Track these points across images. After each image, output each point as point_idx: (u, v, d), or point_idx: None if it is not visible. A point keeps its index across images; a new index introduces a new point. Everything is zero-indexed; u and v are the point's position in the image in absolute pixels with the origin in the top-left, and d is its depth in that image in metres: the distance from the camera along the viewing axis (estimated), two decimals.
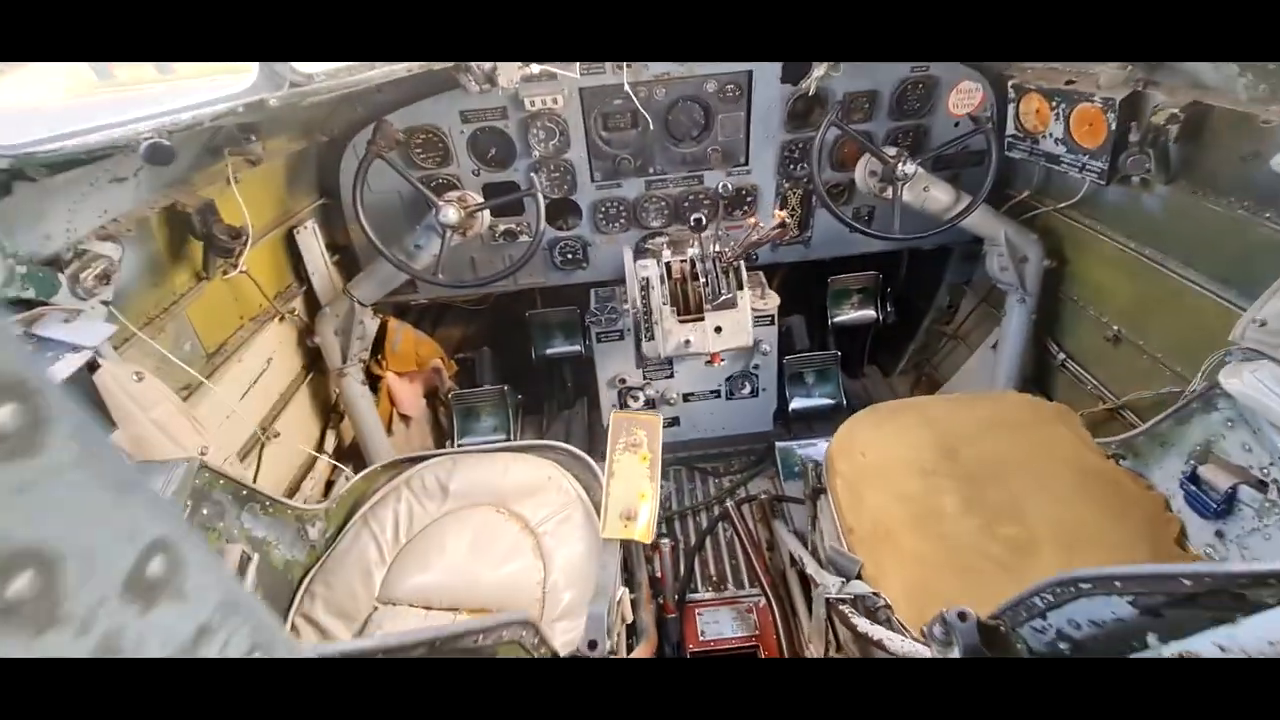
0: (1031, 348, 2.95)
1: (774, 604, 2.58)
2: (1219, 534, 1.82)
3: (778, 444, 3.19)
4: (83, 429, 0.28)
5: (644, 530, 1.48)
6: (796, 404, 3.32)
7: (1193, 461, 1.88)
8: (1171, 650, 0.89)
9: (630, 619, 1.69)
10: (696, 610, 2.64)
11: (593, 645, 1.17)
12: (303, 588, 1.89)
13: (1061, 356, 2.84)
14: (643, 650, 1.71)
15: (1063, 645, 1.18)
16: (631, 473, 1.53)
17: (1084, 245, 2.67)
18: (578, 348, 3.36)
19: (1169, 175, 2.17)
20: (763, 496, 2.99)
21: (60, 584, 0.26)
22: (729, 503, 2.96)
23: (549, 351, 3.46)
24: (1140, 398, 2.42)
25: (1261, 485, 1.70)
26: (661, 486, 3.14)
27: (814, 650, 2.13)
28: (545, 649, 1.05)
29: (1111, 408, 2.58)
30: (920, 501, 2.01)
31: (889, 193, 2.66)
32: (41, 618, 0.26)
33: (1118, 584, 0.98)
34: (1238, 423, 1.77)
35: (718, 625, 2.61)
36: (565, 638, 1.50)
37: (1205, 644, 0.85)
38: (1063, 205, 2.68)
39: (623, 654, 1.60)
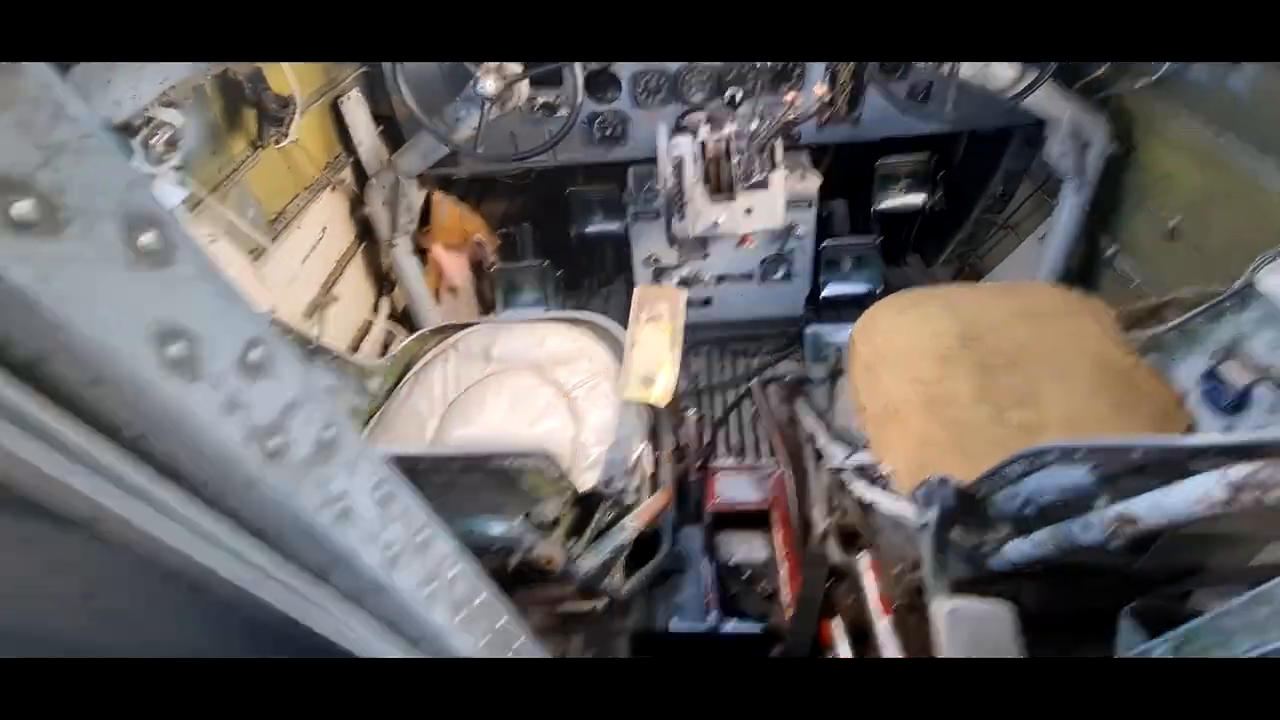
0: (1082, 240, 2.85)
1: (789, 474, 2.78)
2: (1227, 429, 1.86)
3: (807, 329, 3.25)
4: (198, 252, 0.40)
5: (660, 395, 1.63)
6: (831, 290, 3.34)
7: (1215, 359, 1.89)
8: (1113, 512, 1.00)
9: (651, 472, 1.88)
10: (717, 474, 2.87)
11: (608, 484, 1.35)
12: (364, 432, 2.16)
13: (1113, 249, 2.74)
14: (659, 499, 1.93)
15: (1027, 510, 1.30)
16: (652, 343, 1.65)
17: (1155, 129, 2.49)
18: (617, 226, 3.40)
19: None
20: (788, 378, 3.11)
21: (200, 353, 0.40)
22: (755, 381, 3.10)
23: (589, 230, 3.51)
24: (1183, 296, 2.36)
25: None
26: (691, 363, 3.32)
27: (818, 514, 2.34)
28: (565, 481, 1.24)
29: (1154, 304, 2.52)
30: (934, 386, 2.09)
31: (946, 67, 2.49)
32: (190, 373, 0.39)
33: (1079, 454, 1.08)
34: (1270, 321, 1.75)
35: (735, 489, 2.84)
36: (589, 483, 1.70)
37: (1142, 506, 0.95)
38: (1140, 84, 2.47)
39: (643, 499, 1.82)
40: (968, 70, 2.52)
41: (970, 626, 1.29)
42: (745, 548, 2.73)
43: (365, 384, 2.19)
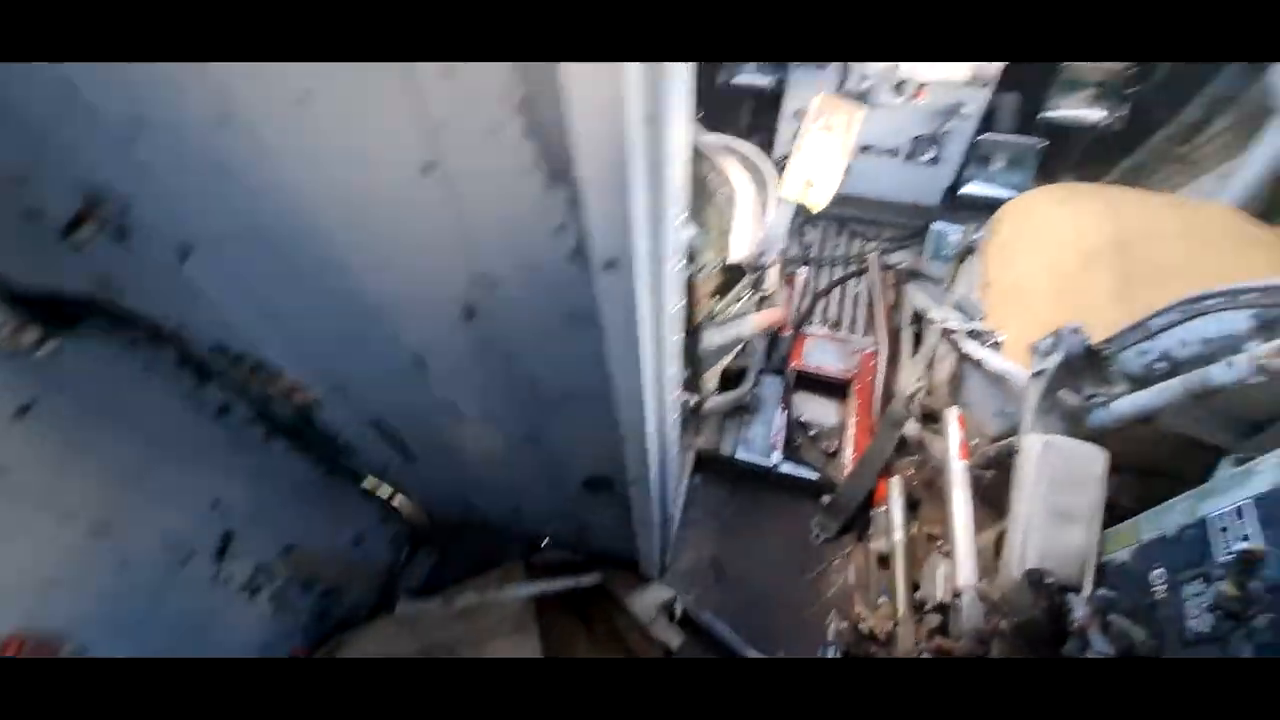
0: (1274, 186, 2.61)
1: (882, 353, 2.85)
2: None
3: (934, 225, 3.17)
4: None
5: (820, 201, 1.69)
6: (972, 188, 3.21)
7: None
8: (1269, 345, 1.05)
9: (775, 289, 1.98)
10: (809, 338, 2.96)
11: (760, 255, 1.47)
12: None
13: None
14: (777, 312, 2.03)
15: (1160, 365, 1.35)
16: (822, 149, 1.70)
17: None
18: (768, 80, 3.29)
19: None
20: (902, 265, 3.10)
21: None
22: (872, 257, 3.09)
23: (736, 80, 3.41)
24: None
25: None
26: (806, 233, 3.32)
27: (904, 378, 2.42)
28: (725, 239, 1.36)
29: None
30: (1071, 279, 2.06)
31: None
32: None
33: (1243, 297, 1.11)
34: None
35: (823, 356, 2.94)
36: (742, 253, 1.78)
37: None
38: None
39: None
40: None
41: (1064, 459, 1.39)
42: (818, 409, 2.86)
43: None
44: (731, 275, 1.62)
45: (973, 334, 1.94)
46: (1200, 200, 2.66)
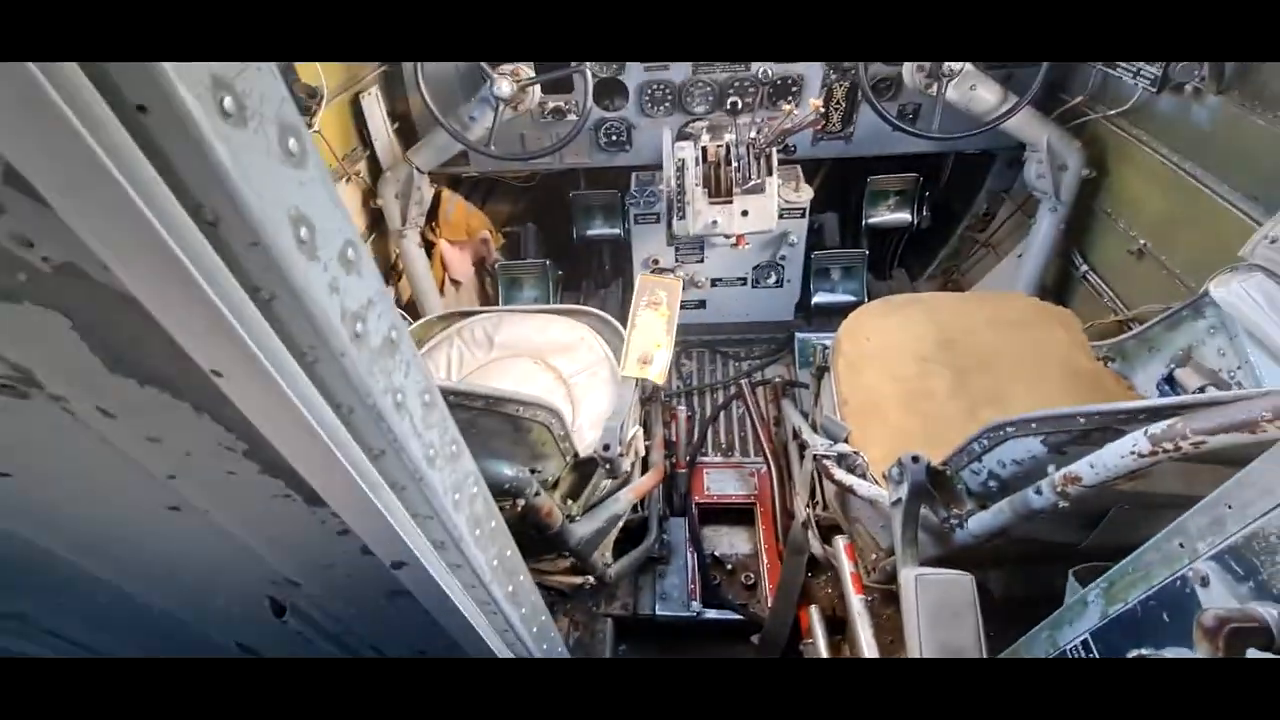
0: (1056, 258, 3.01)
1: (773, 471, 2.90)
2: None
3: (797, 334, 3.39)
4: (320, 162, 0.52)
5: (658, 374, 1.75)
6: (820, 298, 3.48)
7: (1173, 365, 2.03)
8: (1059, 474, 1.13)
9: (642, 454, 1.99)
10: (704, 470, 2.98)
11: (606, 448, 1.46)
12: None
13: (1084, 268, 2.91)
14: (652, 477, 2.03)
15: (992, 484, 1.42)
16: (651, 326, 1.77)
17: (1126, 156, 2.66)
18: (617, 231, 3.54)
19: (1221, 85, 2.14)
20: (776, 380, 3.24)
21: (317, 239, 0.51)
22: (745, 382, 3.22)
23: (590, 233, 3.64)
24: (1148, 310, 2.52)
25: (1226, 387, 1.85)
26: (683, 365, 3.45)
27: (799, 502, 2.45)
28: (568, 444, 1.35)
29: (1122, 319, 2.68)
30: (913, 383, 2.22)
31: (934, 89, 2.66)
32: (310, 254, 0.51)
33: (1033, 425, 1.21)
34: (1219, 329, 1.89)
35: (722, 484, 2.95)
36: (588, 449, 1.80)
37: (1083, 466, 1.07)
38: (1112, 112, 2.65)
39: (635, 478, 1.92)
40: (953, 94, 2.69)
41: (935, 591, 1.41)
42: (729, 541, 2.83)
43: None
44: (584, 469, 1.60)
45: (840, 458, 2.00)
46: (1000, 291, 3.02)
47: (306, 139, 0.49)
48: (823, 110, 2.40)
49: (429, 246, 3.31)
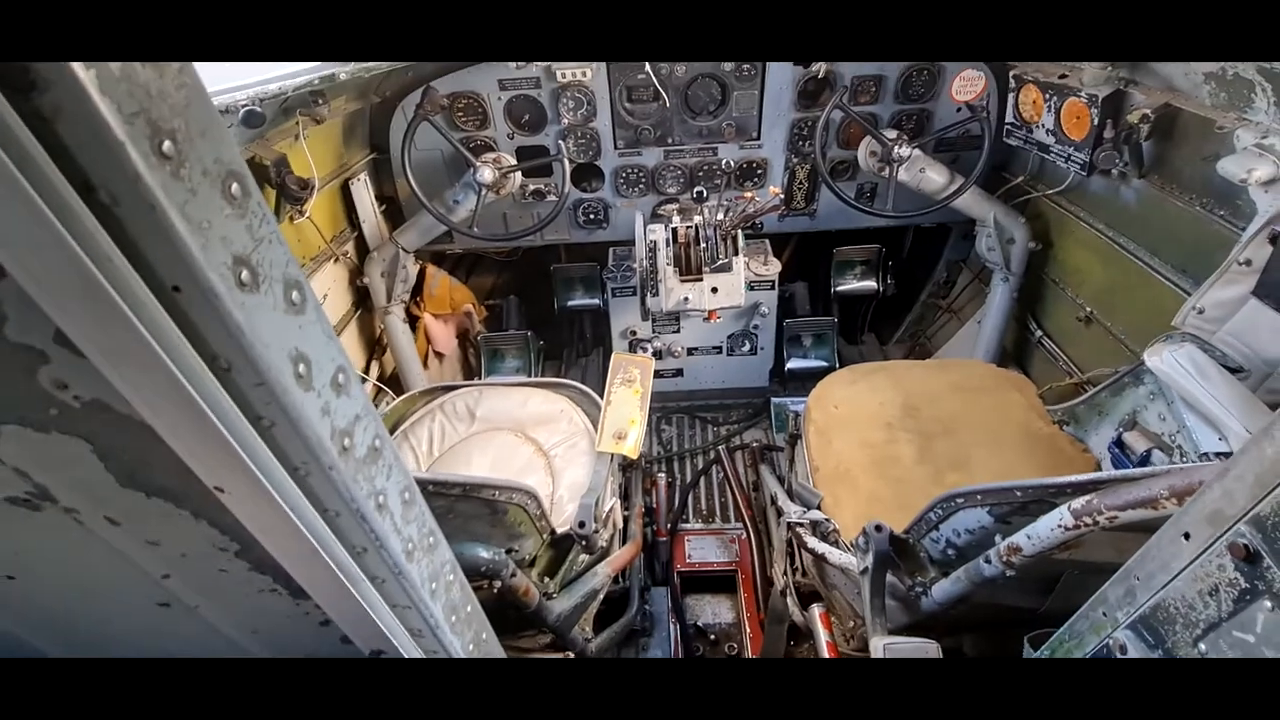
0: (1012, 324, 3.18)
1: (752, 537, 2.94)
2: None
3: (773, 400, 3.50)
4: (317, 306, 0.61)
5: (631, 448, 1.82)
6: (793, 364, 3.61)
7: (1120, 429, 2.14)
8: (1003, 545, 1.20)
9: (621, 526, 2.03)
10: (686, 537, 3.00)
11: (582, 525, 1.51)
12: None
13: (1039, 333, 3.07)
14: (629, 550, 2.07)
15: (950, 552, 1.49)
16: (625, 402, 1.86)
17: (1067, 230, 2.87)
18: (596, 301, 3.67)
19: (1141, 170, 2.36)
20: (754, 445, 3.31)
21: (313, 371, 0.60)
22: (723, 448, 3.29)
23: (570, 303, 3.77)
24: (1100, 373, 2.66)
25: (1169, 450, 1.96)
26: (663, 430, 3.52)
27: (778, 569, 2.48)
28: (545, 522, 1.40)
29: (1076, 382, 2.82)
30: (880, 449, 2.31)
31: (887, 172, 2.87)
32: (307, 385, 0.59)
33: (979, 497, 1.29)
34: (1158, 395, 2.02)
35: (703, 551, 2.97)
36: (565, 526, 1.85)
37: (1021, 537, 1.15)
38: (1051, 192, 2.87)
39: (615, 550, 1.96)
40: (904, 175, 2.91)
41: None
42: (712, 609, 2.83)
43: None
44: (561, 545, 1.65)
45: (814, 525, 2.06)
46: (960, 359, 3.17)
47: (306, 289, 0.58)
48: (783, 196, 2.58)
49: (413, 320, 3.41)
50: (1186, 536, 0.73)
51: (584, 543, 1.58)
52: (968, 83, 2.94)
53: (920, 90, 2.99)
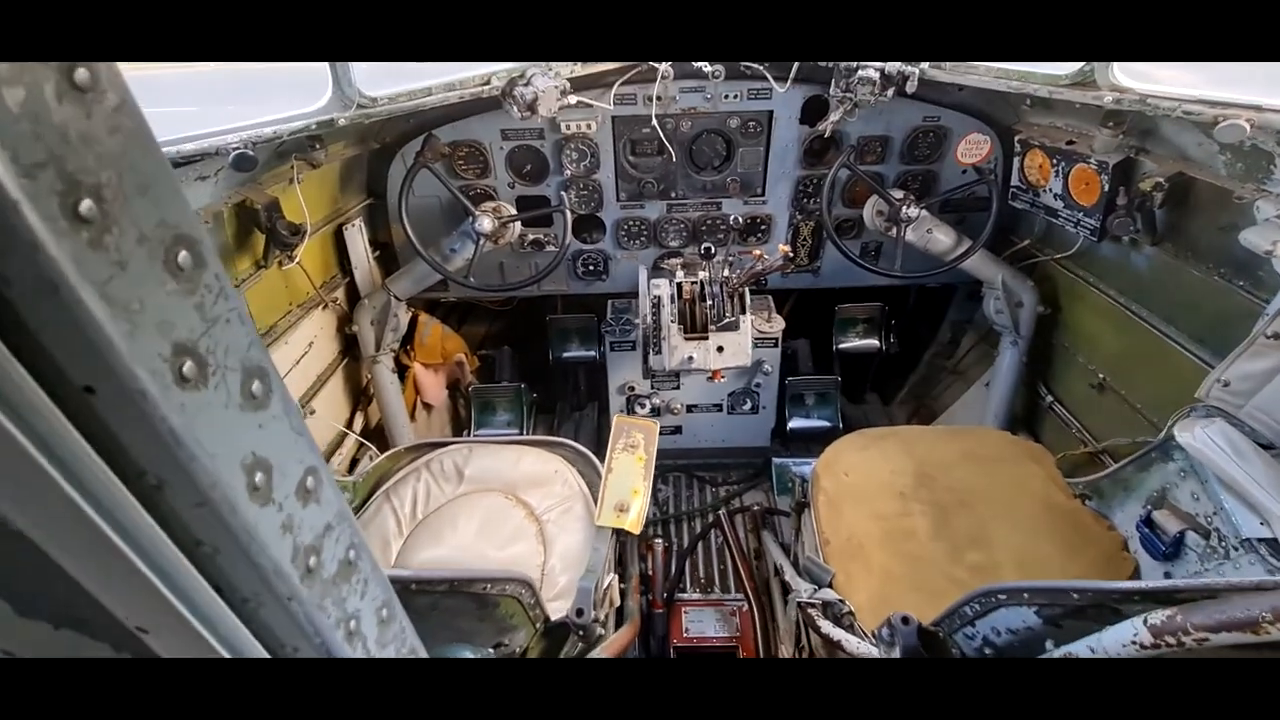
0: (1022, 389, 3.10)
1: (755, 609, 2.75)
2: (1167, 575, 1.96)
3: (774, 460, 3.36)
4: (285, 395, 0.49)
5: (634, 522, 1.68)
6: (795, 423, 3.49)
7: (1149, 506, 2.03)
8: (1060, 653, 1.07)
9: (618, 603, 1.87)
10: (683, 609, 2.81)
11: (579, 613, 1.36)
12: None
13: (1050, 399, 2.99)
14: (626, 633, 1.90)
15: (987, 650, 1.35)
16: (628, 471, 1.73)
17: (1077, 295, 2.82)
18: (593, 353, 3.57)
19: (1155, 238, 2.32)
20: (755, 508, 3.16)
21: (273, 480, 0.47)
22: (722, 511, 3.13)
23: (565, 355, 3.67)
24: (1117, 443, 2.56)
25: (1205, 532, 1.84)
26: (660, 490, 3.36)
27: (785, 651, 2.30)
28: (539, 610, 1.25)
29: (1091, 451, 2.72)
30: (894, 522, 2.18)
31: (894, 232, 2.83)
32: (264, 498, 0.46)
33: (1026, 595, 1.16)
34: (1189, 473, 1.92)
35: (701, 624, 2.78)
36: (558, 614, 1.70)
37: (1082, 648, 1.02)
38: (1060, 256, 2.84)
39: (610, 632, 1.79)
40: (911, 236, 2.87)
41: None
42: None
43: None
44: (555, 634, 1.49)
45: (825, 606, 1.90)
46: (972, 426, 3.07)
47: (271, 377, 0.46)
48: (791, 254, 2.52)
49: (402, 369, 3.28)
50: None
51: (581, 633, 1.42)
52: (973, 146, 2.94)
53: (926, 151, 2.99)
